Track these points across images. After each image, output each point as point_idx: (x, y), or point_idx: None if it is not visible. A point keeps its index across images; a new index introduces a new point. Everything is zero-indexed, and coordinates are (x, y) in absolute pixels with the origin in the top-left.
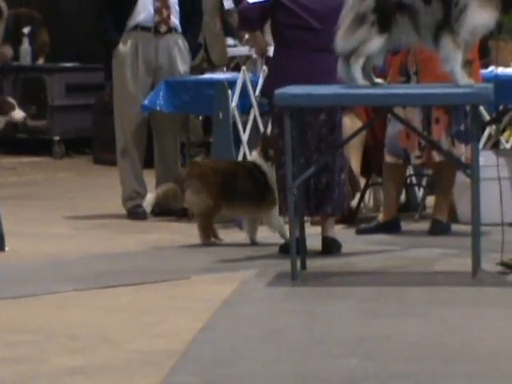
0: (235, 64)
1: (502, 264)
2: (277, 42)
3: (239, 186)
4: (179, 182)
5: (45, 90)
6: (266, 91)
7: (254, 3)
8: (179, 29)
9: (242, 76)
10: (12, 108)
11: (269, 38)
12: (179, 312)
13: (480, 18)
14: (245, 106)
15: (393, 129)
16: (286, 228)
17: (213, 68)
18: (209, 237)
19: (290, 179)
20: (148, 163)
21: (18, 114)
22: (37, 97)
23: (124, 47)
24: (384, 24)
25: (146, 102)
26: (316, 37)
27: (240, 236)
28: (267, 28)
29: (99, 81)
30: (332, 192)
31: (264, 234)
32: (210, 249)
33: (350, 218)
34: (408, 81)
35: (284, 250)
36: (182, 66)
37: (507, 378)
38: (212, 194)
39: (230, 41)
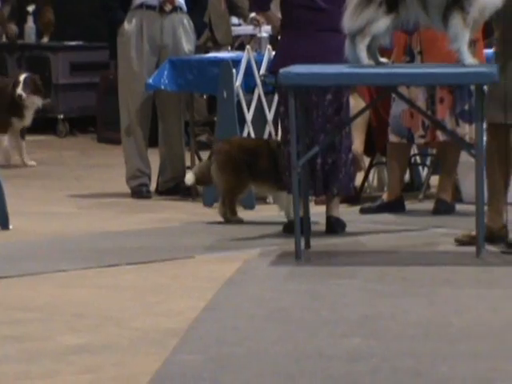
0: (240, 43)
1: (508, 244)
2: (285, 21)
3: (263, 164)
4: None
5: (49, 69)
6: (275, 70)
7: None
8: (184, 8)
9: (246, 55)
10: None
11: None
12: (183, 291)
13: None
14: (249, 85)
15: (397, 108)
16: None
17: (217, 47)
18: (236, 213)
19: (294, 158)
20: (152, 142)
21: None
22: (41, 75)
23: (129, 26)
24: (391, 4)
25: (151, 80)
26: (324, 17)
27: (245, 215)
28: (274, 7)
29: (104, 59)
30: (338, 172)
31: (268, 212)
32: (214, 228)
33: (354, 197)
34: (412, 60)
35: (288, 229)
36: (187, 45)
37: (509, 358)
38: (237, 170)
39: (234, 20)
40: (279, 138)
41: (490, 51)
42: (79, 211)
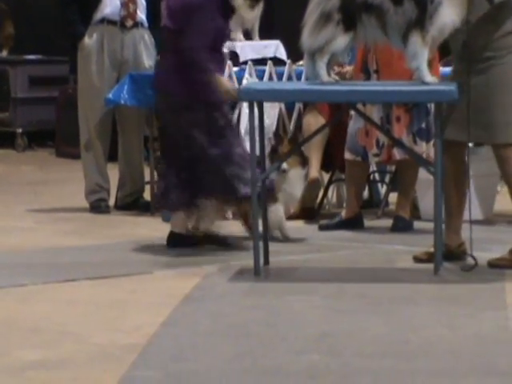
0: None
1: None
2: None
3: None
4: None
5: (8, 82)
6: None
7: None
8: (145, 23)
9: None
10: None
11: (235, 31)
12: (141, 307)
13: (450, 15)
14: None
15: (353, 126)
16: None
17: None
18: None
19: (254, 173)
20: (111, 157)
21: None
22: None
23: (89, 40)
24: (349, 23)
25: (111, 95)
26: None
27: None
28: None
29: (63, 73)
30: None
31: (228, 228)
32: None
33: (312, 213)
34: (368, 78)
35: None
36: (148, 60)
37: (468, 376)
38: None
39: None
40: None
41: (446, 69)
42: (37, 226)
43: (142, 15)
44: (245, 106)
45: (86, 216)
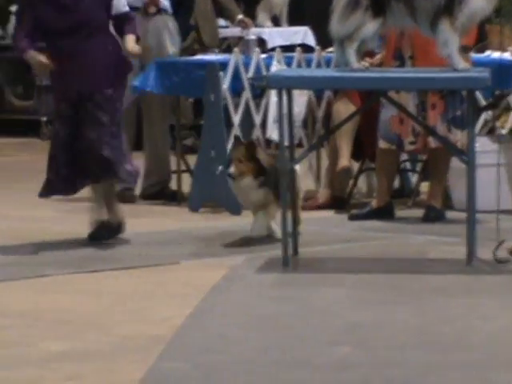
0: (227, 45)
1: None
2: None
3: None
4: None
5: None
6: None
7: None
8: (169, 10)
9: (233, 58)
10: None
11: (262, 17)
12: (167, 297)
13: (480, 2)
14: (236, 89)
15: (385, 114)
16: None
17: (205, 49)
18: None
19: (285, 161)
20: (137, 146)
21: None
22: (24, 77)
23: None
24: (378, 9)
25: (137, 82)
26: None
27: (231, 221)
28: (261, 8)
29: None
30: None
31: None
32: (200, 233)
33: (342, 203)
34: (402, 65)
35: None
36: (172, 47)
37: (502, 367)
38: None
39: (221, 22)
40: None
41: (482, 56)
42: (62, 215)
43: (165, 1)
44: (273, 93)
45: None
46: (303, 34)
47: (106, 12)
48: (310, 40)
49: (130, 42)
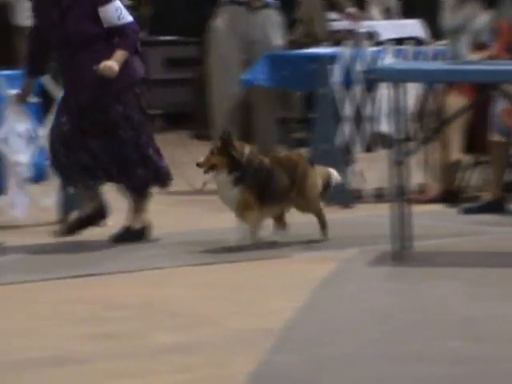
0: (338, 39)
1: None
2: None
3: None
4: None
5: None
6: None
7: None
8: (273, 4)
9: (345, 51)
10: None
11: (375, 11)
12: (278, 290)
13: None
14: (347, 82)
15: (497, 106)
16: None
17: (316, 42)
18: None
19: (400, 154)
20: (244, 140)
21: None
22: None
23: (218, 21)
24: (489, 1)
25: (248, 76)
26: None
27: (341, 214)
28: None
29: (196, 55)
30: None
31: (366, 211)
32: (310, 227)
33: (454, 196)
34: None
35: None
36: (277, 40)
37: None
38: None
39: (332, 15)
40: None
41: None
42: (167, 208)
43: None
44: (383, 86)
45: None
46: (414, 27)
47: (97, 26)
48: (420, 33)
49: (114, 57)
